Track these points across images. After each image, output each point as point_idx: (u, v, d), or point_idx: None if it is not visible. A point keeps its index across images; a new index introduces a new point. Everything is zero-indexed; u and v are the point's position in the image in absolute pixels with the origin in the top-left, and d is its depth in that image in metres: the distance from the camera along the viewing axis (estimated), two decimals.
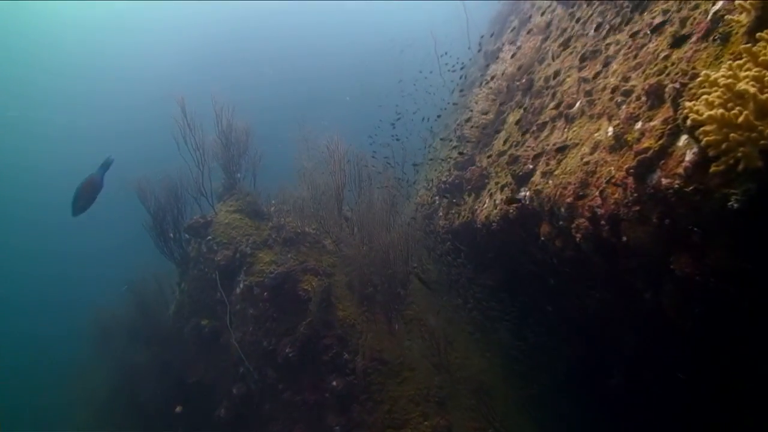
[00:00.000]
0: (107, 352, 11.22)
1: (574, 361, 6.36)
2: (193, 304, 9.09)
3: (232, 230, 8.79)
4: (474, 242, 7.02)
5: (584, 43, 5.57)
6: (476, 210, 6.49)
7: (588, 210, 3.91)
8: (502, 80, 7.91)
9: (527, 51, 7.64)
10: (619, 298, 4.58)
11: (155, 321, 10.40)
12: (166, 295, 10.66)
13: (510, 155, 5.71)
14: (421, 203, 9.98)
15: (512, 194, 5.24)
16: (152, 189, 9.18)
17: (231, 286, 8.50)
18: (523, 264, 5.81)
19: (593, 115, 4.40)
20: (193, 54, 35.91)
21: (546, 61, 6.80)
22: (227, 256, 8.37)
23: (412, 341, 8.08)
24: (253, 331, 8.01)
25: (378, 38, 40.82)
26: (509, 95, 7.59)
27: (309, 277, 7.99)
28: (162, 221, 8.99)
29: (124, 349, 10.80)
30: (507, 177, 5.70)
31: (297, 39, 41.16)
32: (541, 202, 4.62)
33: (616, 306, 4.79)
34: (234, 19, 40.81)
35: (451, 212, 8.07)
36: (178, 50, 37.97)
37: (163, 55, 37.49)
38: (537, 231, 4.88)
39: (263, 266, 8.12)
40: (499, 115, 7.58)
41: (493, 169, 6.55)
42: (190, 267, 9.31)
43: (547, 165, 4.69)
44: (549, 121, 5.29)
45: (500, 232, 5.63)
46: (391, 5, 40.12)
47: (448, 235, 7.96)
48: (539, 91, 6.15)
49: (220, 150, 9.40)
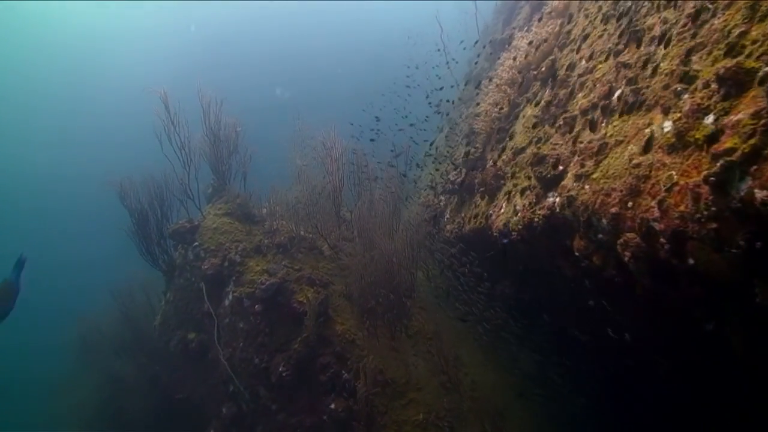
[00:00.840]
0: (93, 364, 10.53)
1: (605, 381, 5.67)
2: (179, 316, 8.38)
3: (221, 236, 8.06)
4: (488, 251, 6.29)
5: (619, 24, 4.81)
6: (491, 215, 5.76)
7: (641, 223, 3.19)
8: (515, 69, 7.15)
9: (545, 36, 6.87)
10: (667, 325, 3.87)
11: (141, 332, 9.72)
12: (154, 304, 9.96)
13: (533, 154, 4.97)
14: (426, 204, 9.24)
15: (537, 200, 4.51)
16: (136, 191, 8.44)
17: (219, 297, 7.79)
18: (547, 280, 5.09)
19: (641, 107, 3.66)
20: (189, 56, 35.21)
21: (569, 47, 6.04)
22: (215, 265, 7.65)
23: (417, 357, 7.39)
24: (243, 347, 7.31)
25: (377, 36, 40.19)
26: (525, 86, 6.84)
27: (304, 288, 7.28)
28: (145, 226, 8.25)
29: (109, 361, 10.12)
30: (530, 179, 4.96)
31: (293, 39, 40.52)
32: (576, 210, 3.89)
33: (661, 332, 4.08)
34: (229, 20, 40.07)
35: (460, 215, 7.34)
36: (174, 52, 37.23)
37: (159, 56, 36.73)
38: (568, 244, 4.16)
39: (254, 276, 7.40)
40: (514, 107, 6.83)
41: (510, 168, 5.82)
42: (176, 275, 8.60)
43: (582, 166, 3.95)
44: (579, 114, 4.55)
45: (522, 243, 4.90)
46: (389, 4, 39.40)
47: (456, 241, 7.23)
48: (564, 80, 5.40)
49: (208, 148, 8.65)
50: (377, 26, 41.11)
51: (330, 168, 7.21)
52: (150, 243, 8.31)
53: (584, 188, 3.84)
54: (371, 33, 40.04)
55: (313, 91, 27.59)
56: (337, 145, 7.14)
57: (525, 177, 5.31)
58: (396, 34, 25.45)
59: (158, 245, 8.46)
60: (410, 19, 24.91)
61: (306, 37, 40.48)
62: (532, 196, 4.62)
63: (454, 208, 7.83)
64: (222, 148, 8.66)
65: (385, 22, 40.66)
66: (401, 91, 15.59)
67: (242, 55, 38.47)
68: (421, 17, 22.01)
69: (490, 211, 5.85)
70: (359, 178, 7.87)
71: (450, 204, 8.31)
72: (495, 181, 5.97)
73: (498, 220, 5.43)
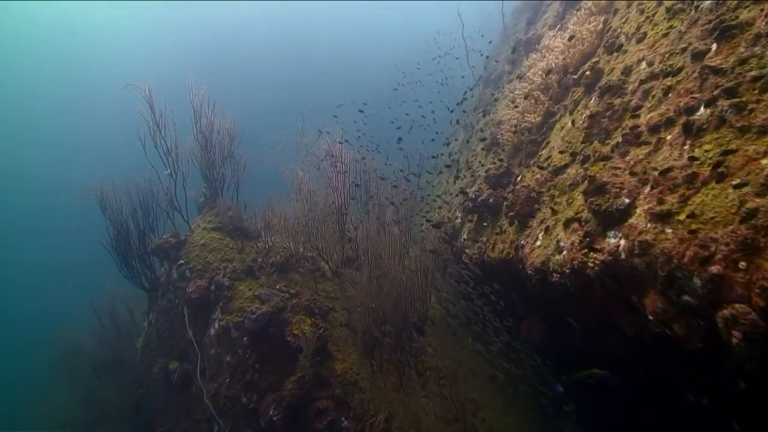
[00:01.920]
0: (73, 386, 9.66)
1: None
2: (162, 341, 7.51)
3: (209, 253, 7.17)
4: (516, 286, 5.36)
5: (694, 20, 3.86)
6: (523, 247, 4.81)
7: (761, 294, 2.25)
8: (549, 73, 6.20)
9: (584, 36, 5.92)
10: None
11: (124, 352, 8.85)
12: (138, 320, 9.10)
13: (584, 178, 4.04)
14: (440, 221, 8.30)
15: (591, 238, 3.56)
16: (117, 200, 7.56)
17: (206, 323, 6.90)
18: (598, 336, 4.15)
19: (749, 128, 2.71)
20: (186, 56, 34.49)
21: (619, 47, 5.09)
22: (200, 288, 6.76)
23: (428, 398, 6.46)
24: (230, 384, 6.41)
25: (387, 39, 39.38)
26: (562, 91, 5.89)
27: (301, 318, 6.37)
28: (126, 239, 7.37)
29: (90, 382, 9.25)
30: (577, 207, 4.02)
31: (297, 41, 39.79)
32: (652, 261, 2.95)
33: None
34: (231, 20, 39.35)
35: (480, 238, 6.40)
36: (171, 52, 36.53)
37: (153, 55, 36.01)
38: (635, 300, 3.22)
39: (244, 303, 6.50)
40: (548, 117, 5.89)
41: (547, 191, 4.87)
42: (159, 295, 7.72)
43: (661, 202, 3.01)
44: (646, 130, 3.60)
45: (565, 287, 3.96)
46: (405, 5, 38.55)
47: (476, 268, 6.29)
48: (617, 87, 4.44)
49: (200, 153, 7.76)
50: (388, 31, 40.40)
51: (335, 183, 6.28)
52: (131, 258, 7.42)
53: (664, 233, 2.89)
54: (382, 37, 39.33)
55: (319, 95, 26.75)
56: (344, 156, 6.21)
57: (568, 203, 4.37)
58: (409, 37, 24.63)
59: (140, 260, 7.58)
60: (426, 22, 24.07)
61: (310, 41, 39.81)
62: (583, 233, 3.67)
63: (474, 228, 6.89)
64: (215, 153, 7.77)
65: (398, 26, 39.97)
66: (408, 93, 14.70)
67: (243, 57, 37.78)
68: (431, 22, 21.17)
69: (521, 241, 4.90)
70: (367, 193, 6.93)
71: (468, 222, 7.37)
72: (527, 204, 5.03)
73: (533, 255, 4.48)
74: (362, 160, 6.77)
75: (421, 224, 10.37)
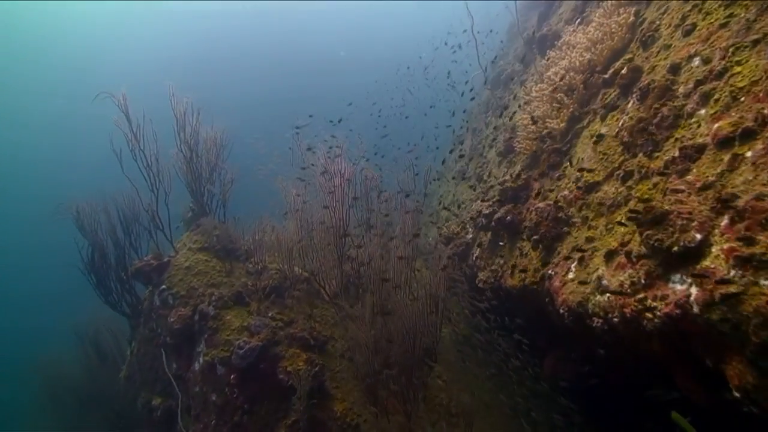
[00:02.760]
0: (57, 416, 9.00)
1: None
2: (144, 373, 6.83)
3: (194, 277, 6.48)
4: (539, 320, 4.63)
5: (763, 7, 3.13)
6: (551, 277, 4.09)
7: None
8: (571, 72, 5.47)
9: (614, 30, 5.19)
10: None
11: (109, 381, 8.18)
12: (123, 347, 8.43)
13: (628, 198, 3.32)
14: (449, 236, 7.58)
15: (649, 281, 2.83)
16: (96, 218, 6.90)
17: (190, 355, 6.20)
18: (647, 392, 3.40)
19: None
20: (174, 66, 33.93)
21: (657, 43, 4.35)
22: (183, 317, 6.07)
23: None
24: (216, 426, 5.70)
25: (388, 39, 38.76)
26: (589, 93, 5.16)
27: (295, 352, 5.66)
28: (102, 261, 6.70)
29: (75, 415, 8.58)
30: (624, 237, 3.28)
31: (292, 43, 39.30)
32: (740, 320, 2.22)
33: None
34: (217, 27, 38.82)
35: (495, 260, 5.67)
36: (158, 62, 35.95)
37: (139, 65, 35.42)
38: (709, 365, 2.49)
39: (231, 335, 5.80)
40: (573, 122, 5.15)
41: (579, 211, 4.14)
42: (141, 322, 7.04)
43: (749, 242, 2.28)
44: (713, 143, 2.87)
45: (612, 334, 3.22)
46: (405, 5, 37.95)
47: (491, 295, 5.57)
48: (663, 89, 3.71)
49: (185, 166, 7.08)
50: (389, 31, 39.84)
51: (332, 202, 5.56)
52: (109, 281, 6.75)
53: (758, 285, 2.16)
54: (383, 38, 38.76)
55: (319, 100, 26.10)
56: (344, 170, 5.48)
57: (607, 229, 3.63)
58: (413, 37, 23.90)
59: (120, 284, 6.90)
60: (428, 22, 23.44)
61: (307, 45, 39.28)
62: (636, 273, 2.94)
63: (487, 247, 6.16)
64: (201, 165, 7.08)
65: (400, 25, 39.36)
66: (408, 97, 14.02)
67: (233, 62, 37.23)
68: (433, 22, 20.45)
69: (548, 271, 4.17)
70: (368, 207, 6.22)
71: (480, 239, 6.65)
72: (554, 226, 4.29)
73: (565, 290, 3.75)
74: (361, 171, 6.05)
75: (427, 234, 9.67)
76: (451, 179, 9.98)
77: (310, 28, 39.56)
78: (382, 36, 40.47)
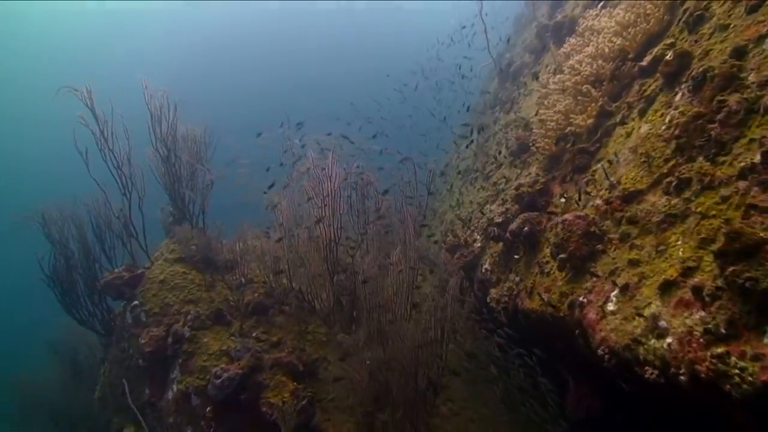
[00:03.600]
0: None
1: None
2: (116, 399, 6.14)
3: (169, 293, 5.78)
4: (565, 350, 3.94)
5: None
6: (583, 306, 3.38)
7: None
8: (599, 60, 4.74)
9: (648, 11, 4.45)
10: None
11: (85, 402, 7.50)
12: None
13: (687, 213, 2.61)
14: (454, 244, 6.87)
15: (733, 330, 2.11)
16: (64, 225, 6.20)
17: (164, 381, 5.52)
18: None
19: None
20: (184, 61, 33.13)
21: (708, 23, 3.63)
22: (155, 339, 5.39)
23: None
24: None
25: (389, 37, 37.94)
26: (620, 84, 4.43)
27: (280, 380, 4.97)
28: (69, 273, 6.02)
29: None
30: (688, 262, 2.57)
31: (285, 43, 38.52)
32: None
33: None
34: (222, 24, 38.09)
35: (511, 278, 4.96)
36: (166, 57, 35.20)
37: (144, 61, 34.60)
38: None
39: (208, 360, 5.11)
40: (603, 118, 4.43)
41: (617, 225, 3.43)
42: (113, 341, 6.36)
43: None
44: None
45: (673, 392, 2.52)
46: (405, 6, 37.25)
47: (505, 318, 4.86)
48: (726, 77, 2.99)
49: (163, 166, 6.37)
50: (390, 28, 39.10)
51: (322, 210, 4.83)
52: (77, 297, 6.07)
53: None
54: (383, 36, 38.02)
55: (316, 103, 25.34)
56: (334, 175, 4.74)
57: (658, 251, 2.91)
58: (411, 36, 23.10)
59: (90, 299, 6.22)
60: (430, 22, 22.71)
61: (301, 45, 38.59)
62: (713, 317, 2.23)
63: (499, 260, 5.46)
64: (180, 166, 6.37)
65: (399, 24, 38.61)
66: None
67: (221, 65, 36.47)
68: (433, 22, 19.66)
69: (579, 297, 3.46)
70: (365, 215, 5.51)
71: (490, 249, 5.95)
72: (586, 243, 3.58)
73: (605, 326, 3.04)
74: (358, 174, 5.34)
75: (429, 236, 8.96)
76: (456, 178, 9.27)
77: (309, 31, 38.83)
78: (382, 38, 39.78)
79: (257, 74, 37.47)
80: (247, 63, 38.41)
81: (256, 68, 38.01)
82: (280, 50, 39.27)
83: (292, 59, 38.79)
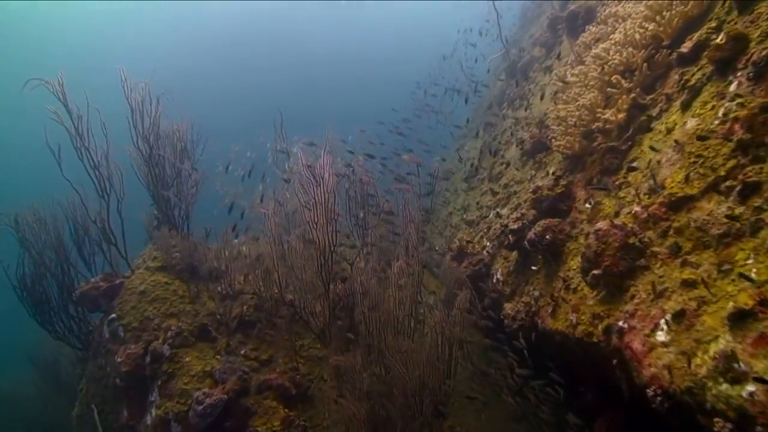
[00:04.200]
0: None
1: None
2: (93, 419, 5.62)
3: (149, 305, 5.26)
4: (592, 370, 3.42)
5: None
6: (622, 333, 2.86)
7: None
8: (629, 48, 4.22)
9: None
10: None
11: (65, 416, 6.99)
12: None
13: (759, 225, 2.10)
14: (461, 250, 6.35)
15: None
16: (35, 230, 5.69)
17: (143, 402, 5.00)
18: None
19: None
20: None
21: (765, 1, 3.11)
22: (133, 358, 4.87)
23: None
24: None
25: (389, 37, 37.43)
26: (653, 74, 3.92)
27: (270, 406, 4.45)
28: (40, 283, 5.51)
29: None
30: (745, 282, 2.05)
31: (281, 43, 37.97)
32: None
33: None
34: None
35: (528, 291, 4.45)
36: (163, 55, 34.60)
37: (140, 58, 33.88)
38: None
39: (190, 382, 4.59)
40: (636, 111, 3.91)
41: (662, 236, 2.91)
42: (91, 356, 5.84)
43: None
44: None
45: None
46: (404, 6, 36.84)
47: (523, 337, 4.34)
48: None
49: (144, 166, 5.85)
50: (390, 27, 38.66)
51: (314, 216, 4.30)
52: (48, 308, 5.55)
53: None
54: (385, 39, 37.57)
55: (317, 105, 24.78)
56: (327, 176, 4.21)
57: (721, 270, 2.40)
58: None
59: (65, 311, 5.71)
60: None
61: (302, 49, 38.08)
62: None
63: (514, 270, 4.95)
64: (164, 166, 5.85)
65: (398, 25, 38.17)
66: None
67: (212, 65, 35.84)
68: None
69: (618, 322, 2.95)
70: (363, 222, 4.98)
71: (502, 257, 5.44)
72: (624, 257, 3.06)
73: (654, 359, 2.53)
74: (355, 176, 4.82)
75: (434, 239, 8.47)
76: (462, 181, 8.75)
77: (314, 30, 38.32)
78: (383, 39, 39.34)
79: (257, 74, 36.96)
80: (247, 63, 37.89)
81: (256, 68, 37.50)
82: (280, 50, 38.76)
83: (292, 60, 38.30)
